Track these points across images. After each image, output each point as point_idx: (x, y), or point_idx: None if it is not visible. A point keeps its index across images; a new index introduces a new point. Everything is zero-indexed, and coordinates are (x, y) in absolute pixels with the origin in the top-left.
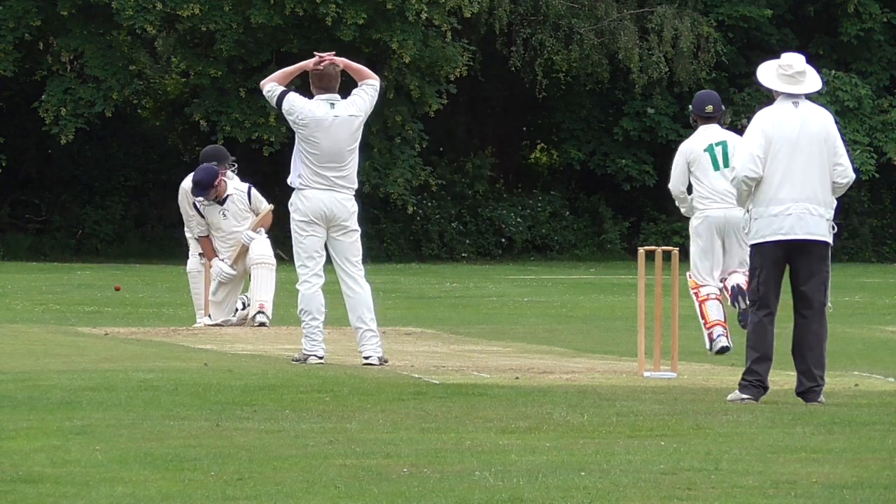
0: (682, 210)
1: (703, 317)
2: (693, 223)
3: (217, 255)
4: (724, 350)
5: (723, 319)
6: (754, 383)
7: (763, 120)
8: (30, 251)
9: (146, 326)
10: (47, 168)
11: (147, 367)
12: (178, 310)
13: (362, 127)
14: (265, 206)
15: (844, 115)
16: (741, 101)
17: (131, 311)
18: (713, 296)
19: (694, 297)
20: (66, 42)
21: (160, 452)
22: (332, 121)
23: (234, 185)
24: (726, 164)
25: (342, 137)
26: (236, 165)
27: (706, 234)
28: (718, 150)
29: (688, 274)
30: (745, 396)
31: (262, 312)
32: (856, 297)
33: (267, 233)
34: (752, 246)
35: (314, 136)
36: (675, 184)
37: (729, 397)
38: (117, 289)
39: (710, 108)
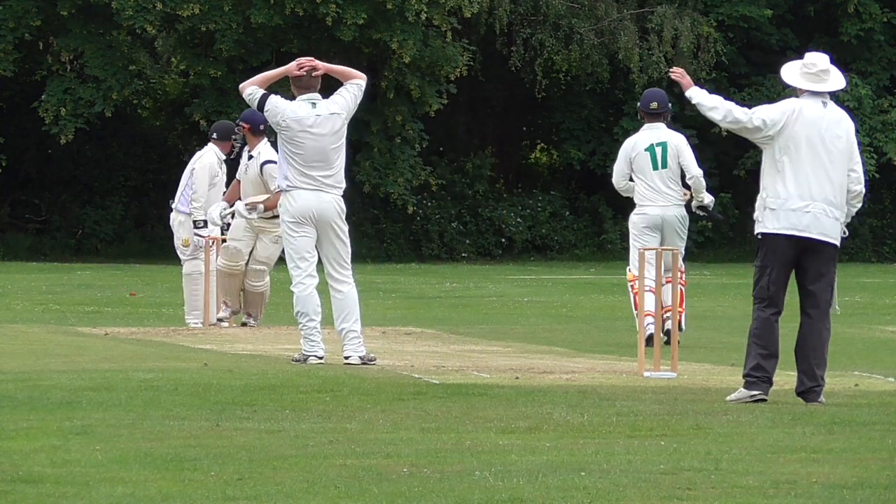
0: (629, 196)
1: (636, 307)
2: (633, 219)
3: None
4: (650, 339)
5: (654, 311)
6: (762, 378)
7: (789, 107)
8: (30, 251)
9: (146, 326)
10: (47, 168)
11: (147, 367)
12: (177, 310)
13: (346, 126)
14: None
15: None
16: (741, 102)
17: (131, 311)
18: (647, 288)
19: (630, 289)
20: (66, 42)
21: (160, 452)
22: (314, 120)
23: (262, 147)
24: (664, 165)
25: (325, 136)
26: (240, 143)
27: (644, 229)
28: (658, 151)
29: (627, 269)
30: (754, 392)
31: (249, 316)
32: (856, 297)
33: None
34: (763, 236)
35: (298, 136)
36: (617, 178)
37: (730, 397)
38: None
39: (654, 105)
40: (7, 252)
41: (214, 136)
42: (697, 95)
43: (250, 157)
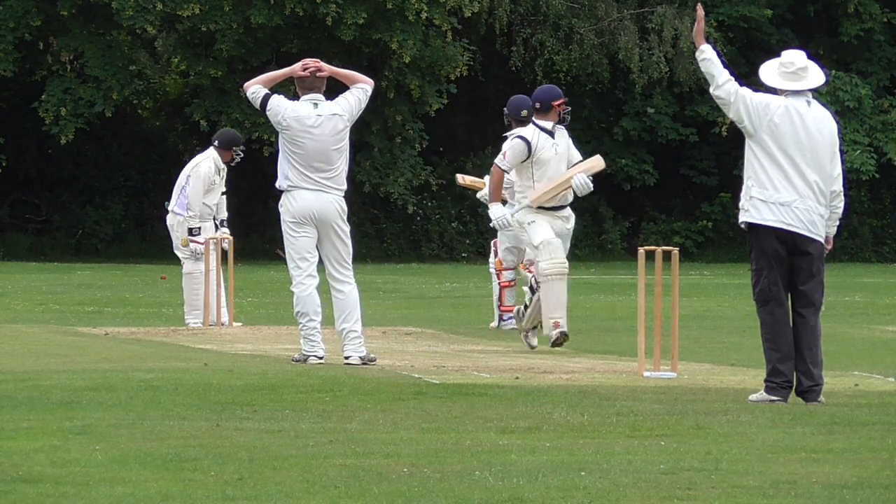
0: (491, 196)
1: (501, 299)
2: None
3: (501, 198)
4: (512, 329)
5: (514, 305)
6: (782, 385)
7: (780, 100)
8: (30, 251)
9: (146, 326)
10: (47, 168)
11: (147, 367)
12: (177, 310)
13: (349, 128)
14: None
15: (845, 115)
16: None
17: (131, 311)
18: (513, 283)
19: (497, 276)
20: (66, 42)
21: (160, 452)
22: (315, 120)
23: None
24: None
25: (326, 137)
26: (241, 155)
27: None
28: None
29: (495, 243)
30: (774, 398)
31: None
32: (856, 297)
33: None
34: (750, 227)
35: (298, 136)
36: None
37: (752, 397)
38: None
39: (525, 113)
40: (7, 252)
41: (216, 143)
42: (710, 52)
43: (554, 132)
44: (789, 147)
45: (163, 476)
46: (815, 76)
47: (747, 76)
